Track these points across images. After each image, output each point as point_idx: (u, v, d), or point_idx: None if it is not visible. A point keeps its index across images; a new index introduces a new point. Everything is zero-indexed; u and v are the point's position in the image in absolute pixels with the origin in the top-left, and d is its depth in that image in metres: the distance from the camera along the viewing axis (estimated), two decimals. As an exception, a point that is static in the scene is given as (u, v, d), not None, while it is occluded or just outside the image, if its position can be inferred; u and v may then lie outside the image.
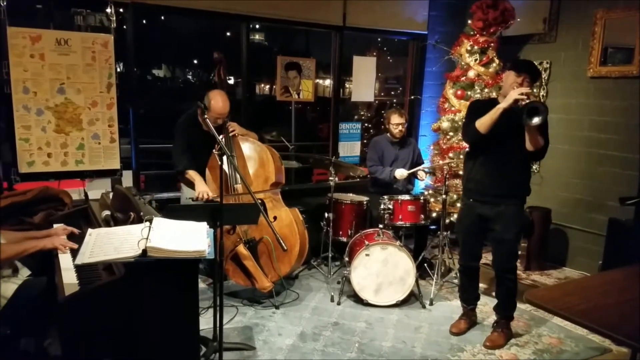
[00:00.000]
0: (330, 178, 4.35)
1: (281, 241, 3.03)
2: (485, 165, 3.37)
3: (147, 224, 2.37)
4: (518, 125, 3.13)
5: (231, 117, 4.11)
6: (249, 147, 3.98)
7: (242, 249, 3.74)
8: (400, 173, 4.50)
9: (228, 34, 5.14)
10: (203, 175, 3.88)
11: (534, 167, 5.26)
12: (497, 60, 4.98)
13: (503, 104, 3.10)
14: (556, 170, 5.14)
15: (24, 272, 2.74)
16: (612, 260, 4.30)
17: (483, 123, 3.20)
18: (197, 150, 3.88)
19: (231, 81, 7.54)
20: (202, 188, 3.75)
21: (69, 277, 2.34)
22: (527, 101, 3.01)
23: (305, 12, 4.90)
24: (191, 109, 4.00)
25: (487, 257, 4.37)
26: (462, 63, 5.09)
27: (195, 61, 10.37)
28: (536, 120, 2.97)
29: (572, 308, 2.14)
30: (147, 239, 2.21)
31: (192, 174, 3.83)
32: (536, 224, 4.91)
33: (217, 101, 3.71)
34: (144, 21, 7.40)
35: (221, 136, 3.58)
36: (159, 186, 5.04)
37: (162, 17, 7.65)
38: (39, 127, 3.85)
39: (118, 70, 4.29)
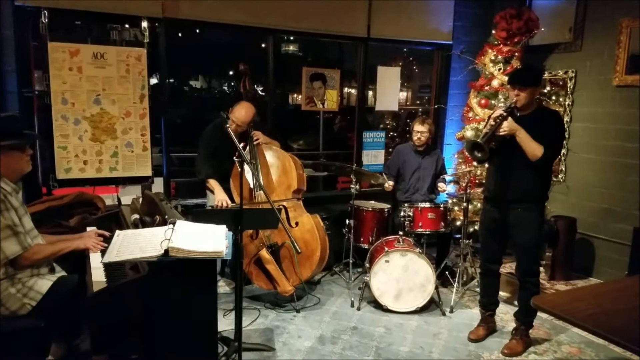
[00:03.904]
0: (352, 186, 4.44)
1: (295, 244, 3.13)
2: (499, 172, 3.48)
3: (171, 226, 2.52)
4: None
5: (259, 126, 4.26)
6: (272, 155, 4.12)
7: (264, 253, 3.87)
8: (389, 183, 4.70)
9: (263, 45, 5.33)
10: (229, 183, 4.03)
11: (559, 176, 5.23)
12: (521, 70, 4.99)
13: (485, 129, 3.38)
14: (582, 179, 5.09)
15: (60, 272, 2.92)
16: (638, 270, 4.23)
17: (465, 145, 3.49)
18: (223, 159, 4.03)
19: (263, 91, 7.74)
20: (221, 197, 3.93)
21: (98, 275, 2.51)
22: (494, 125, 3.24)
23: (329, 24, 5.04)
24: (218, 119, 4.16)
25: (511, 267, 4.39)
26: (486, 72, 5.12)
27: (230, 72, 10.64)
28: (477, 154, 3.23)
29: (579, 313, 2.15)
30: (169, 239, 2.36)
31: (212, 183, 4.02)
32: (561, 233, 4.86)
33: (240, 110, 3.96)
34: (180, 34, 7.70)
35: (242, 144, 3.72)
36: (189, 193, 5.22)
37: (197, 30, 7.93)
38: (76, 135, 4.10)
39: (155, 81, 4.51)
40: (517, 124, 3.24)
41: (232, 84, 10.66)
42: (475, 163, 5.01)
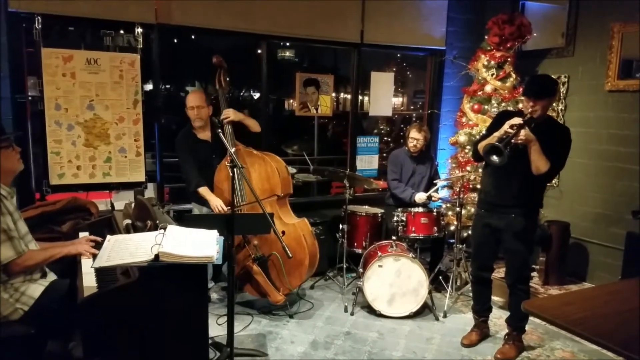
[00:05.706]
0: (345, 190, 4.44)
1: (286, 249, 3.11)
2: (493, 176, 3.46)
3: (162, 231, 2.52)
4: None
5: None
6: (253, 161, 4.01)
7: (252, 265, 3.86)
8: (420, 197, 4.53)
9: (259, 51, 5.36)
10: (210, 186, 4.00)
11: (553, 181, 5.24)
12: (513, 75, 5.03)
13: (497, 133, 3.23)
14: (575, 184, 5.11)
15: (52, 276, 2.91)
16: (631, 274, 4.23)
17: (483, 146, 3.33)
18: (201, 166, 4.02)
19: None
20: (216, 202, 3.89)
21: (89, 280, 2.51)
22: (511, 133, 3.11)
23: (322, 30, 5.06)
24: (187, 126, 4.15)
25: (504, 271, 4.39)
26: (479, 78, 5.15)
27: (227, 78, 10.62)
28: (494, 158, 3.11)
29: (569, 317, 2.16)
30: (159, 244, 2.36)
31: (203, 192, 3.94)
32: (554, 238, 4.87)
33: (191, 94, 4.14)
34: (175, 40, 7.68)
35: (234, 149, 3.72)
36: (182, 198, 5.21)
37: (193, 37, 7.93)
38: (69, 141, 4.10)
39: (150, 87, 4.51)
40: None
41: (231, 89, 10.61)
42: (468, 168, 5.06)
